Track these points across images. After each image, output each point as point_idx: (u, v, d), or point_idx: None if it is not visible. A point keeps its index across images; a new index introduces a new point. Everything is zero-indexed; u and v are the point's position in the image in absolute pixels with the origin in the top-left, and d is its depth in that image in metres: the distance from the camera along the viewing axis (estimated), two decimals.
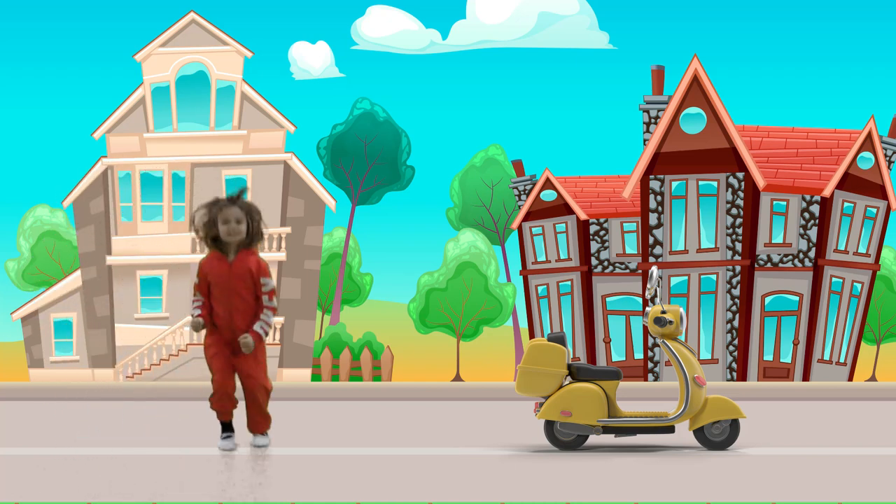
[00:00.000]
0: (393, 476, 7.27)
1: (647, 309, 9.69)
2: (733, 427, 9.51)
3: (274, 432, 12.05)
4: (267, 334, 9.42)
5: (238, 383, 9.46)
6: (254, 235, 9.40)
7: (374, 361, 52.71)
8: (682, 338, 9.73)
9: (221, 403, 9.35)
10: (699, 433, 9.51)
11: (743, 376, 45.02)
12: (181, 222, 50.50)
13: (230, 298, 9.33)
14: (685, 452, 9.32)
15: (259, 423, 9.52)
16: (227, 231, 9.31)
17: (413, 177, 63.91)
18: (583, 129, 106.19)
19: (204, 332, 9.56)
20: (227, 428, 9.50)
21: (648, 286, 9.51)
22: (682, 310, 9.60)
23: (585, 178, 53.77)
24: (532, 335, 54.32)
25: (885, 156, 47.26)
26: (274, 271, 50.19)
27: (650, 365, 45.91)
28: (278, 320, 49.83)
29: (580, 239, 52.14)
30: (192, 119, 50.96)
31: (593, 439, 10.70)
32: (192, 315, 9.53)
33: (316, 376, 52.53)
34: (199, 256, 50.16)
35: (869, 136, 46.48)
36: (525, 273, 53.99)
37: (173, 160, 50.57)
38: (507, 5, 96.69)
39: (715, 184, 45.25)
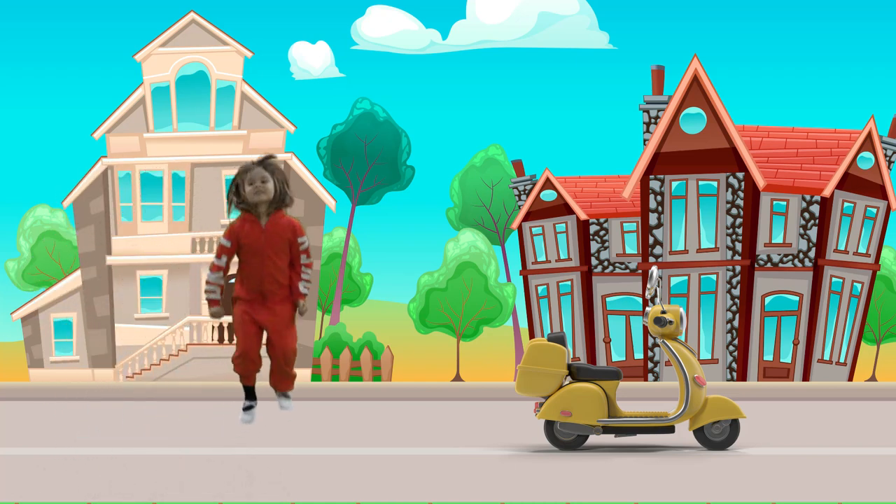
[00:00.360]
0: (393, 476, 7.27)
1: (647, 309, 9.70)
2: (733, 427, 9.52)
3: (273, 433, 12.05)
4: (308, 291, 9.33)
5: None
6: (282, 196, 9.18)
7: (374, 361, 52.70)
8: (682, 338, 9.73)
9: (245, 366, 9.26)
10: (699, 433, 9.52)
11: (743, 376, 45.02)
12: (181, 222, 50.48)
13: (263, 263, 9.14)
14: (685, 452, 9.32)
15: (284, 382, 9.44)
16: (254, 191, 9.08)
17: (413, 177, 63.90)
18: (583, 129, 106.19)
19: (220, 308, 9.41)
20: (250, 395, 9.42)
21: (648, 286, 9.51)
22: (682, 310, 9.61)
23: (585, 178, 53.75)
24: (532, 335, 54.30)
25: (885, 156, 47.27)
26: None
27: (650, 365, 45.91)
28: None
29: (580, 239, 52.14)
30: (192, 119, 50.95)
31: (593, 439, 10.70)
32: (210, 289, 9.29)
33: (316, 376, 52.54)
34: (198, 257, 50.17)
35: (869, 136, 46.48)
36: (525, 273, 53.99)
37: (173, 160, 50.56)
38: (507, 5, 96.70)
39: (715, 184, 45.26)
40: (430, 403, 22.42)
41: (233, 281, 9.46)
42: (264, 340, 9.33)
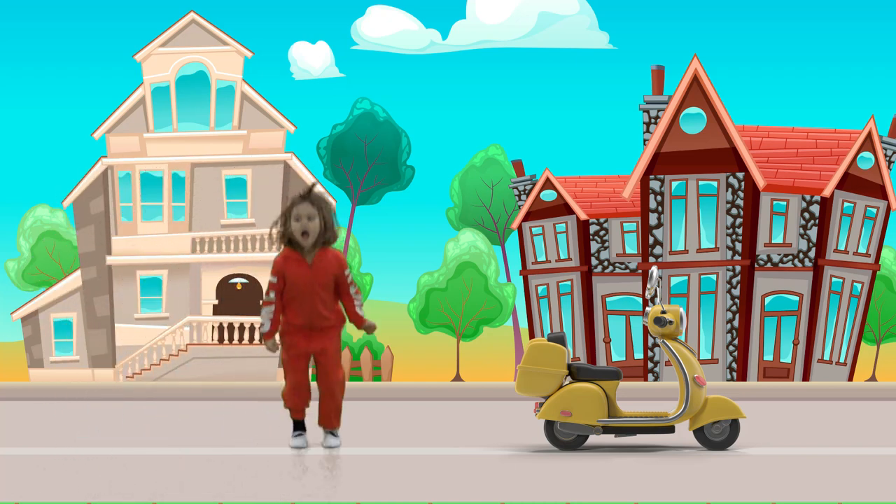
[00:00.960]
0: (393, 476, 7.27)
1: (647, 309, 9.70)
2: (733, 427, 9.52)
3: (272, 433, 12.06)
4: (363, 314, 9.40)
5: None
6: (329, 232, 9.18)
7: (374, 361, 52.72)
8: (682, 338, 9.73)
9: (295, 401, 9.33)
10: (699, 433, 9.52)
11: (743, 376, 45.02)
12: (181, 222, 50.49)
13: (312, 300, 9.18)
14: (685, 452, 9.32)
15: (332, 418, 9.49)
16: (300, 228, 9.05)
17: (413, 177, 63.93)
18: (583, 129, 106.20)
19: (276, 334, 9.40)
20: (299, 426, 9.48)
21: (648, 286, 9.51)
22: (682, 310, 9.61)
23: (585, 178, 53.76)
24: (532, 335, 54.30)
25: (885, 156, 47.27)
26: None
27: (650, 365, 45.91)
28: None
29: (580, 239, 52.15)
30: (192, 119, 50.97)
31: (593, 439, 10.70)
32: (262, 324, 9.32)
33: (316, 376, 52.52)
34: (198, 257, 50.16)
35: (869, 136, 46.48)
36: (525, 273, 53.99)
37: (173, 160, 50.57)
38: (507, 5, 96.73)
39: (715, 184, 45.26)
40: (430, 403, 22.42)
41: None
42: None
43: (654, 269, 9.46)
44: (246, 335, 49.43)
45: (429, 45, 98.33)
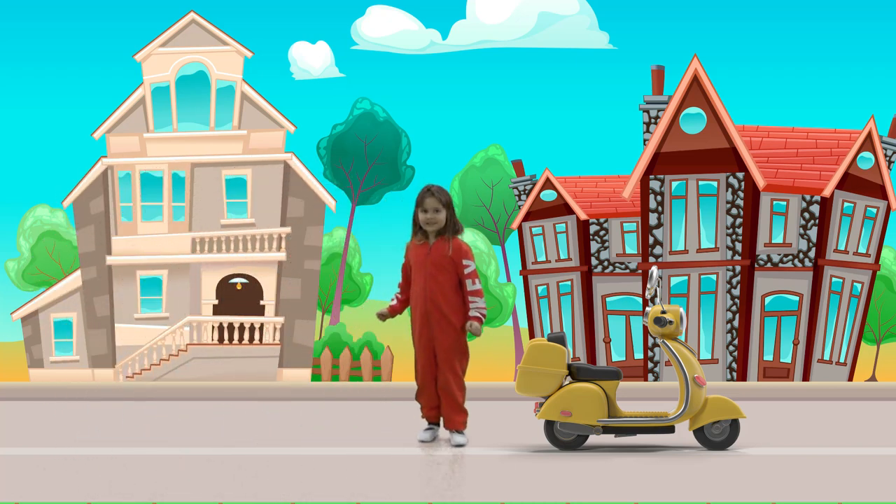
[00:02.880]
0: (393, 476, 7.27)
1: (647, 309, 9.70)
2: (733, 427, 9.51)
3: (273, 433, 12.06)
4: (485, 317, 9.63)
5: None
6: (454, 226, 9.58)
7: (374, 361, 52.68)
8: (682, 338, 9.73)
9: (426, 398, 9.52)
10: (699, 433, 9.51)
11: (743, 376, 45.01)
12: (181, 222, 50.48)
13: (426, 281, 9.46)
14: (685, 452, 9.31)
15: (454, 418, 9.60)
16: (426, 220, 9.58)
17: (413, 177, 63.90)
18: (583, 129, 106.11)
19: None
20: (432, 423, 9.64)
21: (648, 286, 9.51)
22: (682, 310, 9.61)
23: (585, 178, 53.75)
24: (532, 335, 54.28)
25: (885, 156, 47.27)
26: (274, 271, 50.18)
27: (650, 365, 45.89)
28: (278, 320, 49.82)
29: (580, 239, 52.13)
30: (192, 119, 50.95)
31: (593, 439, 10.70)
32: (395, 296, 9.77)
33: (316, 376, 52.52)
34: (198, 257, 50.23)
35: (869, 136, 46.48)
36: (525, 273, 53.98)
37: (173, 160, 50.56)
38: (507, 5, 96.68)
39: (715, 184, 45.26)
40: None
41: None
42: None
43: (654, 269, 9.47)
44: (246, 335, 49.44)
45: (429, 45, 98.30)
